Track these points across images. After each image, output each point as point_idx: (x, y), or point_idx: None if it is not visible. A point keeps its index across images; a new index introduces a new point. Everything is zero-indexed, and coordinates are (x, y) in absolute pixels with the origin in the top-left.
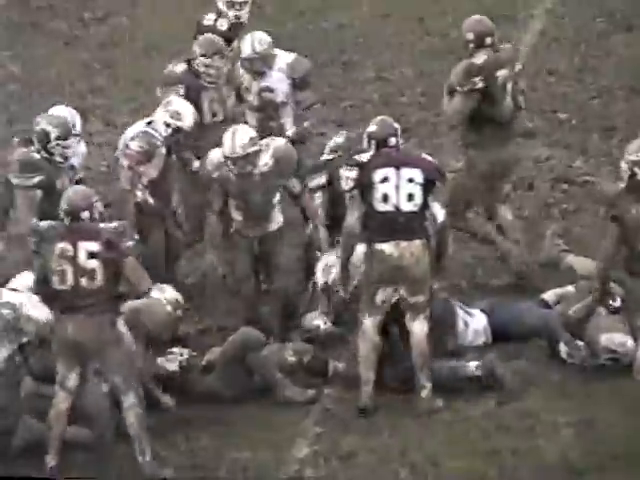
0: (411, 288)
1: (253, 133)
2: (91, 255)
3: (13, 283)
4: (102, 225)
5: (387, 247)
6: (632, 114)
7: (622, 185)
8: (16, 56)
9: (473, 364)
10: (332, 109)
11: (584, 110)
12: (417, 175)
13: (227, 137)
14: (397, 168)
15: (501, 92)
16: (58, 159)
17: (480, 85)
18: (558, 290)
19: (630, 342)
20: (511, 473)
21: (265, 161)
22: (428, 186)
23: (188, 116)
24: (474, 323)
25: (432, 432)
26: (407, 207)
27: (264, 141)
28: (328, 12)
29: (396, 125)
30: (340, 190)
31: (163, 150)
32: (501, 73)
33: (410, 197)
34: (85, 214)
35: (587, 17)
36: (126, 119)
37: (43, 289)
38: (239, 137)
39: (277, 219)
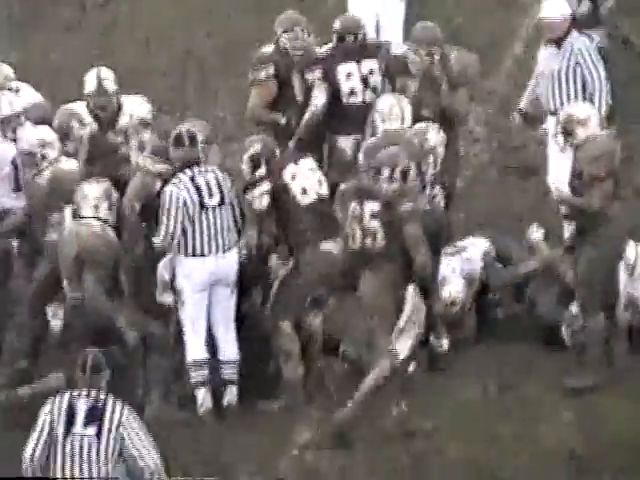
0: None
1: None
2: (373, 215)
3: None
4: (385, 185)
5: None
6: (633, 103)
7: None
8: (16, 43)
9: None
10: None
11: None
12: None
13: None
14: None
15: None
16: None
17: None
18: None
19: None
20: (512, 459)
21: None
22: None
23: (89, 80)
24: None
25: (434, 418)
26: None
27: None
28: None
29: None
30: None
31: (85, 130)
32: None
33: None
34: (386, 172)
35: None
36: None
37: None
38: None
39: None
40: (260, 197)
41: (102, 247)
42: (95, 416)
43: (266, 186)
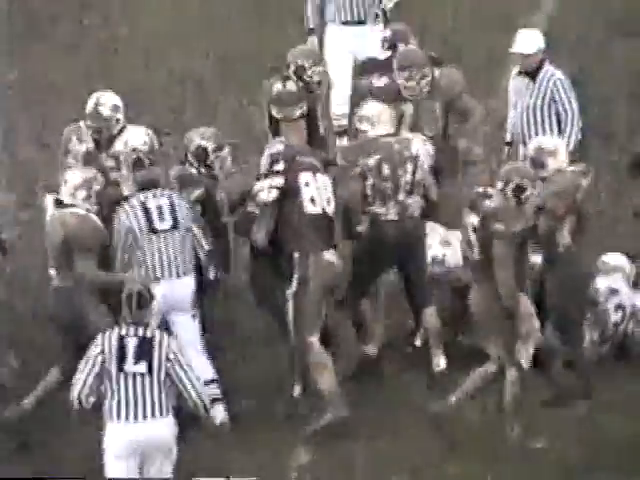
0: None
1: None
2: (473, 229)
3: None
4: (488, 201)
5: None
6: (632, 121)
7: None
8: (15, 62)
9: None
10: None
11: (583, 117)
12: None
13: None
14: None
15: None
16: (217, 172)
17: None
18: None
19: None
20: (510, 475)
21: None
22: None
23: (89, 102)
24: None
25: (432, 436)
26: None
27: None
28: None
29: None
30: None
31: (81, 147)
32: None
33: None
34: (499, 185)
35: (587, 23)
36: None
37: None
38: None
39: None
40: (269, 189)
41: (88, 231)
42: (145, 352)
43: (279, 180)
